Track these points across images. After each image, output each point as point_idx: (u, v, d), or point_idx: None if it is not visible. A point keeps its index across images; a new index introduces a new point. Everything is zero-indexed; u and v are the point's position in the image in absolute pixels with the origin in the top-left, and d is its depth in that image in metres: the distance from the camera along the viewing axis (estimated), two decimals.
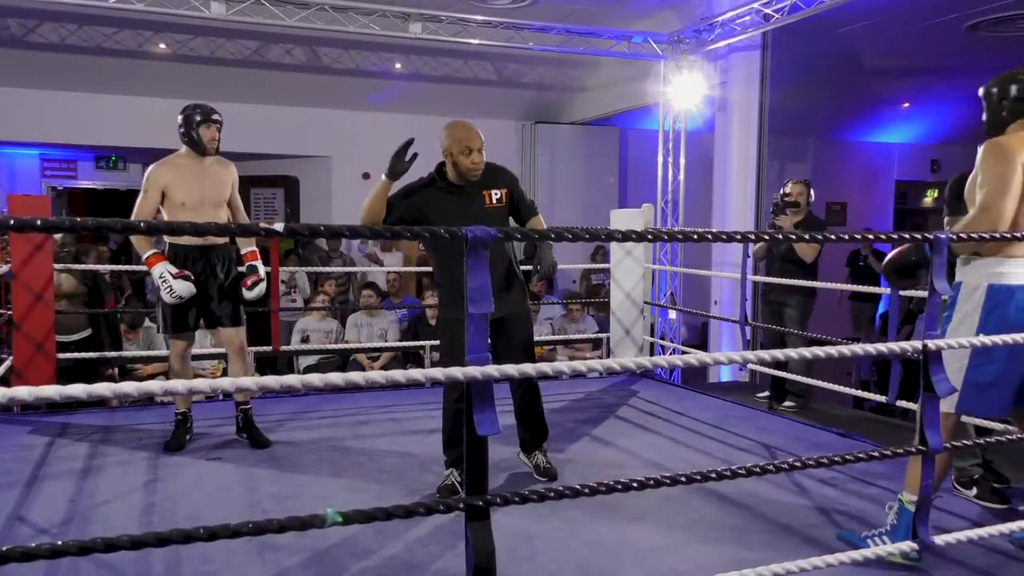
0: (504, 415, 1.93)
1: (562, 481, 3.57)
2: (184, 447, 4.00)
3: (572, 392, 5.35)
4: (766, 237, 4.25)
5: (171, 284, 3.73)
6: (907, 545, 2.40)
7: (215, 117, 4.00)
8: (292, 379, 1.70)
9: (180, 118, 3.97)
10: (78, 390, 1.51)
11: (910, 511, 2.56)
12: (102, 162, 9.67)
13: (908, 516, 2.57)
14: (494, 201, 3.53)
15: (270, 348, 5.44)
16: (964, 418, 2.90)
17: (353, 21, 6.25)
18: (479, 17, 6.64)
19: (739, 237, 2.20)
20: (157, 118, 8.66)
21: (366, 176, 9.62)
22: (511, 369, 1.90)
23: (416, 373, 1.89)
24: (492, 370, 1.83)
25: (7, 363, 4.68)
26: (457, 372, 1.84)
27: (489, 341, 3.83)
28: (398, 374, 1.86)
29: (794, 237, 2.54)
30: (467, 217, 3.33)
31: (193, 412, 4.20)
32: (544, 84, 9.25)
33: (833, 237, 2.29)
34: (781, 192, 5.19)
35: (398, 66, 8.53)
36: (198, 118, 3.92)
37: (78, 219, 1.59)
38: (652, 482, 2.08)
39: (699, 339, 9.25)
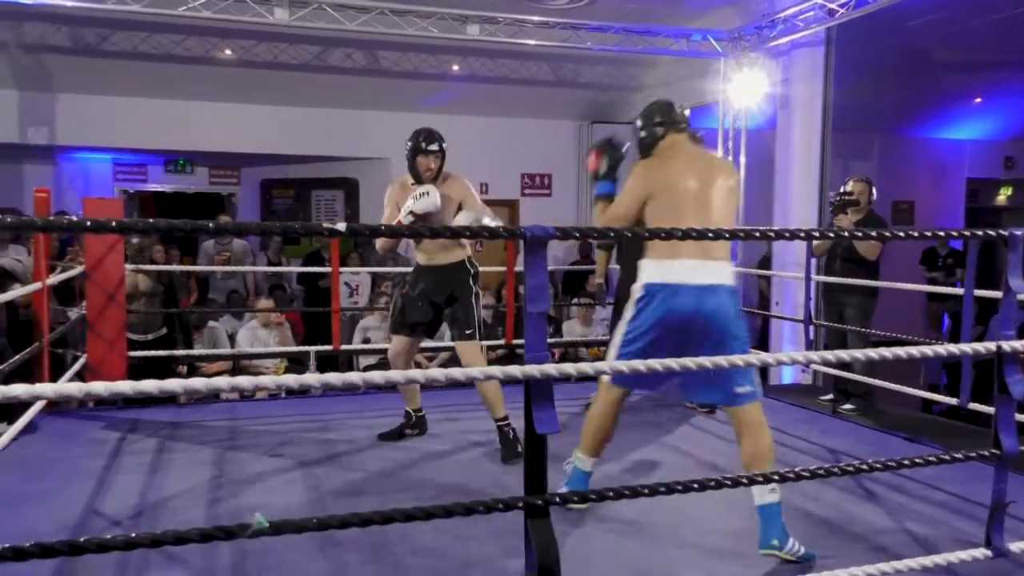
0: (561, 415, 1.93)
1: (618, 482, 3.55)
2: (398, 440, 4.18)
3: None
4: (816, 235, 4.15)
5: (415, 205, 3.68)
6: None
7: (432, 148, 3.90)
8: (353, 376, 1.73)
9: (407, 144, 3.95)
10: (150, 385, 1.57)
11: (579, 468, 3.11)
12: (171, 166, 9.94)
13: (577, 473, 3.10)
14: None
15: (331, 347, 5.54)
16: None
17: (412, 24, 6.32)
18: (536, 18, 6.64)
19: (803, 234, 2.15)
20: (223, 122, 8.92)
21: None
22: (569, 368, 1.90)
23: (475, 372, 1.90)
24: (551, 369, 1.83)
25: (81, 361, 4.86)
26: (516, 371, 1.85)
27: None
28: (457, 372, 1.88)
29: (857, 235, 2.48)
30: None
31: (262, 410, 4.28)
32: (602, 84, 9.20)
33: (901, 235, 2.23)
34: (841, 190, 5.07)
35: (455, 68, 8.59)
36: (419, 145, 3.89)
37: (150, 220, 1.65)
38: (712, 483, 2.06)
39: (758, 341, 9.09)
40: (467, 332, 3.93)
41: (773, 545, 2.66)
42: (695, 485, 2.10)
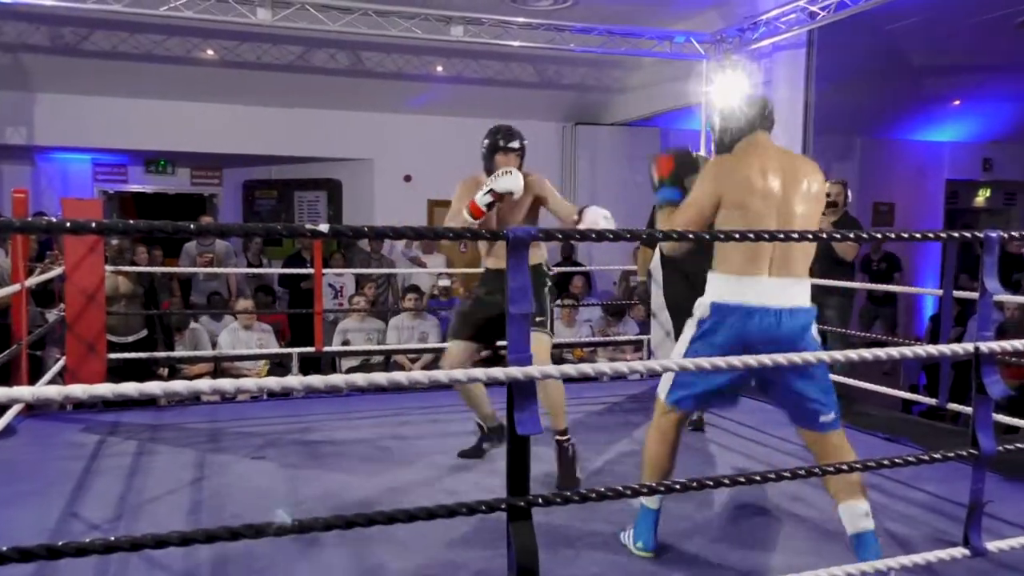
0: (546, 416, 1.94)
1: (603, 483, 3.56)
2: (479, 457, 3.90)
3: (613, 394, 5.32)
4: (795, 236, 4.18)
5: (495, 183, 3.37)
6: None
7: (512, 145, 3.58)
8: (336, 378, 1.73)
9: (484, 142, 3.64)
10: (130, 388, 1.55)
11: (648, 507, 2.76)
12: (151, 166, 9.87)
13: (646, 512, 2.76)
14: None
15: (313, 349, 5.52)
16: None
17: (395, 25, 6.30)
18: (520, 19, 6.64)
19: (782, 236, 2.17)
20: (205, 122, 8.87)
21: (407, 179, 9.70)
22: (552, 370, 1.90)
23: (458, 373, 1.90)
24: (533, 370, 1.83)
25: (61, 363, 4.81)
26: (499, 373, 1.85)
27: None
28: (440, 374, 1.88)
29: (837, 236, 2.50)
30: None
31: (244, 412, 4.25)
32: (585, 85, 9.22)
33: (879, 236, 2.25)
34: None
35: (439, 69, 8.58)
36: (498, 143, 3.58)
37: (131, 221, 1.63)
38: (695, 484, 2.07)
39: None
40: (538, 319, 3.50)
41: None
42: (676, 486, 2.11)
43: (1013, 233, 2.34)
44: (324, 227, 1.76)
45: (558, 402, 3.48)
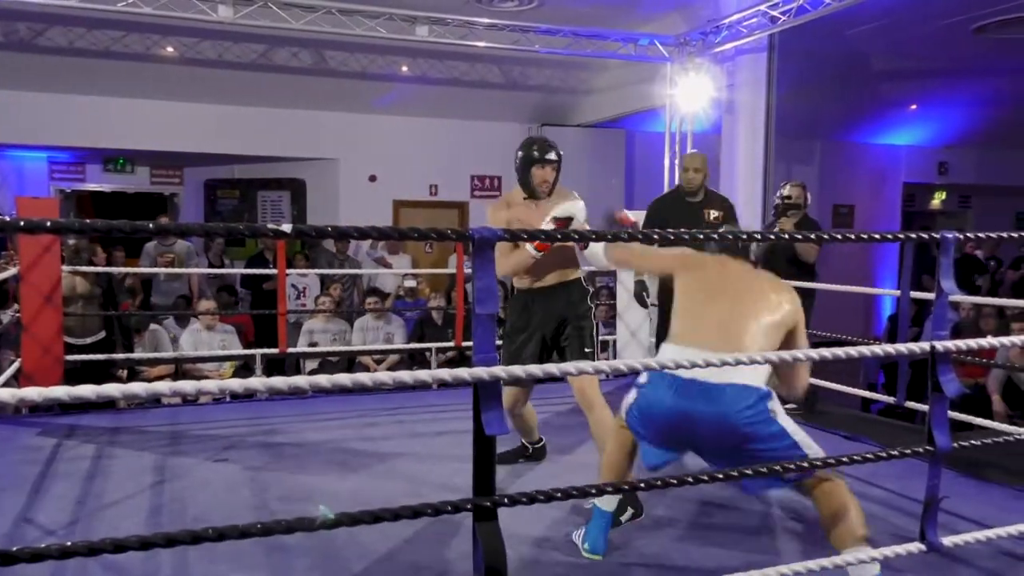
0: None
1: (569, 483, 3.57)
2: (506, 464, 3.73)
3: None
4: (759, 237, 4.23)
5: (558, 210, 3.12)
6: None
7: (548, 157, 3.39)
8: (300, 380, 1.71)
9: (518, 154, 3.46)
10: (87, 391, 1.52)
11: (602, 509, 2.72)
12: (110, 164, 9.70)
13: (599, 514, 2.73)
14: (711, 218, 4.86)
15: (277, 350, 5.46)
16: None
17: (360, 24, 6.26)
18: (485, 20, 6.64)
19: (745, 236, 2.19)
20: (165, 120, 8.74)
21: (372, 179, 9.65)
22: (518, 370, 1.90)
23: (423, 374, 1.90)
24: (499, 371, 1.83)
25: (15, 365, 4.70)
26: (464, 373, 1.85)
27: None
28: (405, 375, 1.87)
29: (798, 237, 2.53)
30: (691, 223, 4.67)
31: (206, 414, 4.19)
32: (551, 87, 9.25)
33: (839, 237, 2.28)
34: (780, 195, 5.19)
35: (404, 69, 8.54)
36: (533, 155, 3.40)
37: (87, 220, 1.60)
38: (659, 483, 2.09)
39: None
40: (585, 351, 3.39)
41: None
42: (642, 484, 2.12)
43: (968, 234, 2.39)
44: (287, 227, 1.74)
45: (604, 438, 3.21)
